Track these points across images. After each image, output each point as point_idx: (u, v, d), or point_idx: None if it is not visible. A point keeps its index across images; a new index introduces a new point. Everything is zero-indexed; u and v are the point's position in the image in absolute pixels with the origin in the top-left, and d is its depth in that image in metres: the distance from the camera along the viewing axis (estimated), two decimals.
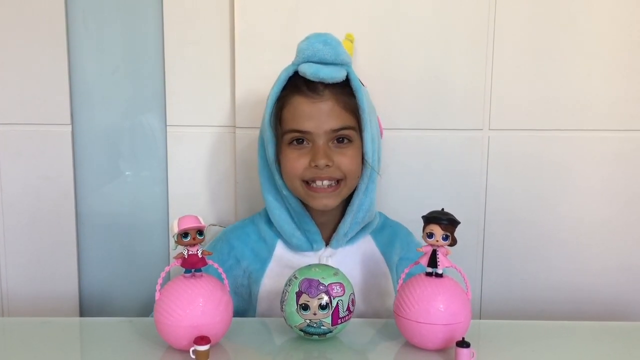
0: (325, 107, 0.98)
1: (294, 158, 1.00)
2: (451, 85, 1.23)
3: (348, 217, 1.04)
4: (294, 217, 1.05)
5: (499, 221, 1.27)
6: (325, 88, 0.98)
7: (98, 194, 1.29)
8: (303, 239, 1.05)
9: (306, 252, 1.06)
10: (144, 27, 1.25)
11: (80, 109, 1.26)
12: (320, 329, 0.85)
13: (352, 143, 1.01)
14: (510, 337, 0.93)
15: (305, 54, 0.97)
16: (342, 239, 1.05)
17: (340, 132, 0.99)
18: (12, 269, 1.28)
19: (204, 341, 0.78)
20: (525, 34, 1.22)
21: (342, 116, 0.99)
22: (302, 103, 0.99)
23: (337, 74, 0.97)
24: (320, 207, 1.01)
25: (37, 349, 0.87)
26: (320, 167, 0.98)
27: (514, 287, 1.29)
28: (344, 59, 0.97)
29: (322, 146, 0.99)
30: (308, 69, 0.97)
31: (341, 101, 0.99)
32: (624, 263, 1.28)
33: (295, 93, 1.00)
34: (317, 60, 0.96)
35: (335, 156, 0.99)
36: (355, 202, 1.03)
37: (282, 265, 1.06)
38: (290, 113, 1.00)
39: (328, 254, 1.06)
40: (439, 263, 0.85)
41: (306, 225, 1.05)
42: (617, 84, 1.23)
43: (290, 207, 1.05)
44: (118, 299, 1.32)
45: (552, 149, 1.25)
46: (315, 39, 0.96)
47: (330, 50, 0.96)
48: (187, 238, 0.82)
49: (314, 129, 0.99)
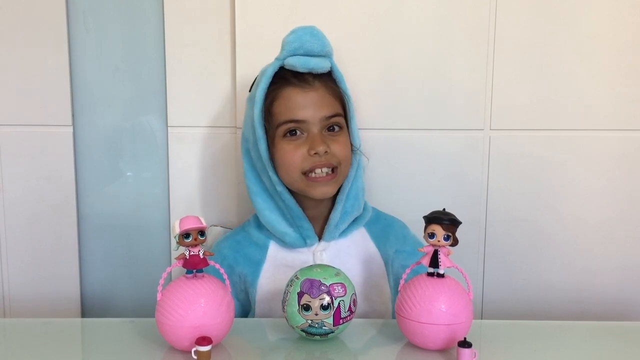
0: (317, 96, 1.02)
1: (290, 150, 1.02)
2: (452, 85, 1.23)
3: (338, 206, 1.05)
4: (286, 215, 1.06)
5: (500, 221, 1.27)
6: (314, 79, 1.02)
7: (99, 195, 1.29)
8: (296, 236, 1.06)
9: (300, 248, 1.07)
10: (144, 28, 1.25)
11: (81, 110, 1.26)
12: (321, 330, 0.85)
13: (342, 130, 1.05)
14: (512, 337, 0.93)
15: (293, 46, 1.00)
16: (334, 231, 1.06)
17: (332, 119, 1.03)
18: (14, 270, 1.28)
19: (205, 342, 0.78)
20: (526, 34, 1.22)
21: (333, 104, 1.03)
22: (294, 94, 1.02)
23: (324, 64, 1.02)
24: (319, 195, 1.02)
25: (39, 350, 0.87)
26: (320, 153, 1.00)
27: (516, 287, 1.29)
28: (328, 50, 1.02)
29: (317, 134, 1.01)
30: (297, 61, 1.00)
31: (330, 89, 1.03)
32: (625, 263, 1.28)
33: (285, 86, 1.02)
34: (304, 52, 1.00)
35: (330, 143, 1.02)
36: (344, 190, 1.05)
37: (277, 264, 1.07)
38: (282, 105, 1.02)
39: (322, 247, 1.07)
40: (440, 263, 0.85)
41: (299, 221, 1.05)
42: (618, 84, 1.23)
43: (283, 205, 1.05)
44: (119, 299, 1.32)
45: (553, 149, 1.25)
46: (302, 32, 1.00)
47: (317, 41, 1.00)
48: (188, 239, 0.82)
49: (309, 118, 1.01)
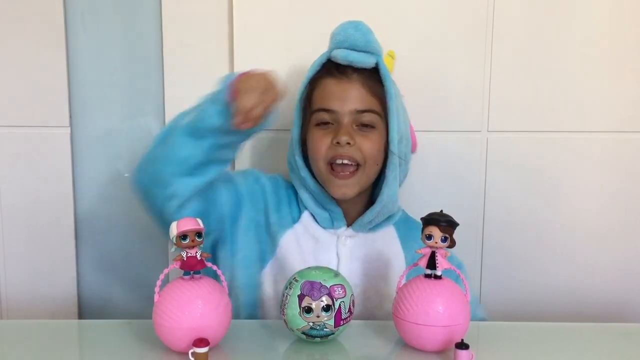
0: (351, 88, 1.02)
1: (318, 137, 1.04)
2: (450, 87, 1.23)
3: (377, 206, 1.05)
4: (317, 199, 1.08)
5: (497, 222, 1.27)
6: (354, 72, 1.03)
7: (97, 196, 1.29)
8: (326, 216, 1.08)
9: (327, 228, 1.08)
10: (142, 29, 1.25)
11: (78, 112, 1.26)
12: (322, 331, 0.85)
13: (376, 129, 1.04)
14: (509, 338, 0.93)
15: (337, 39, 1.02)
16: (365, 226, 1.07)
17: (364, 114, 1.03)
18: (11, 271, 1.27)
19: (203, 343, 0.78)
20: (523, 36, 1.22)
21: (367, 99, 1.03)
22: (330, 84, 1.04)
23: (366, 59, 1.02)
24: (339, 195, 1.04)
25: (36, 351, 0.87)
26: (342, 143, 1.01)
27: (513, 288, 1.29)
28: (374, 46, 1.02)
29: (345, 125, 1.02)
30: (339, 53, 1.02)
31: (367, 85, 1.03)
32: (622, 263, 1.28)
33: (325, 76, 1.05)
34: (348, 45, 1.01)
35: (357, 137, 1.02)
36: (384, 192, 1.04)
37: (306, 229, 1.08)
38: (319, 94, 1.05)
39: (349, 234, 1.08)
40: (437, 265, 0.85)
41: (328, 205, 1.07)
42: (615, 86, 1.24)
43: (309, 189, 1.07)
44: (116, 301, 1.32)
45: (551, 150, 1.25)
46: (347, 25, 1.02)
47: (361, 36, 1.01)
48: (185, 240, 0.82)
49: (339, 108, 1.02)
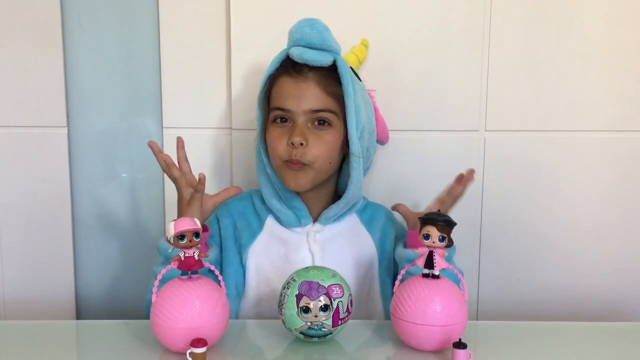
0: (306, 87, 1.02)
1: (275, 137, 1.04)
2: (447, 87, 1.23)
3: (343, 201, 1.06)
4: (281, 195, 1.08)
5: (495, 222, 1.27)
6: (310, 70, 1.02)
7: (94, 196, 1.29)
8: (291, 215, 1.08)
9: (294, 227, 1.08)
10: (140, 29, 1.25)
11: (76, 111, 1.26)
12: (320, 331, 0.85)
13: (332, 127, 1.03)
14: (507, 338, 0.93)
15: (294, 37, 1.01)
16: (330, 218, 1.09)
17: (319, 113, 1.02)
18: (8, 272, 1.27)
19: (200, 343, 0.78)
20: (521, 36, 1.22)
21: (323, 98, 1.02)
22: (286, 82, 1.03)
23: (321, 57, 1.00)
24: (293, 187, 1.04)
25: (34, 352, 0.87)
26: (295, 144, 1.00)
27: (511, 288, 1.29)
28: (331, 44, 1.01)
29: (300, 125, 1.02)
30: (295, 51, 1.00)
31: (323, 84, 1.02)
32: (619, 263, 1.29)
33: (283, 74, 1.04)
34: (305, 44, 1.00)
35: (311, 137, 1.02)
36: (350, 190, 1.05)
37: (272, 235, 1.09)
38: (276, 92, 1.04)
39: (316, 229, 1.09)
40: (435, 264, 0.85)
41: (292, 202, 1.08)
42: (612, 85, 1.24)
43: (276, 185, 1.08)
44: (114, 301, 1.31)
45: (548, 150, 1.25)
46: (304, 23, 1.00)
47: (316, 34, 0.99)
48: (183, 240, 0.82)
49: (294, 108, 1.02)
